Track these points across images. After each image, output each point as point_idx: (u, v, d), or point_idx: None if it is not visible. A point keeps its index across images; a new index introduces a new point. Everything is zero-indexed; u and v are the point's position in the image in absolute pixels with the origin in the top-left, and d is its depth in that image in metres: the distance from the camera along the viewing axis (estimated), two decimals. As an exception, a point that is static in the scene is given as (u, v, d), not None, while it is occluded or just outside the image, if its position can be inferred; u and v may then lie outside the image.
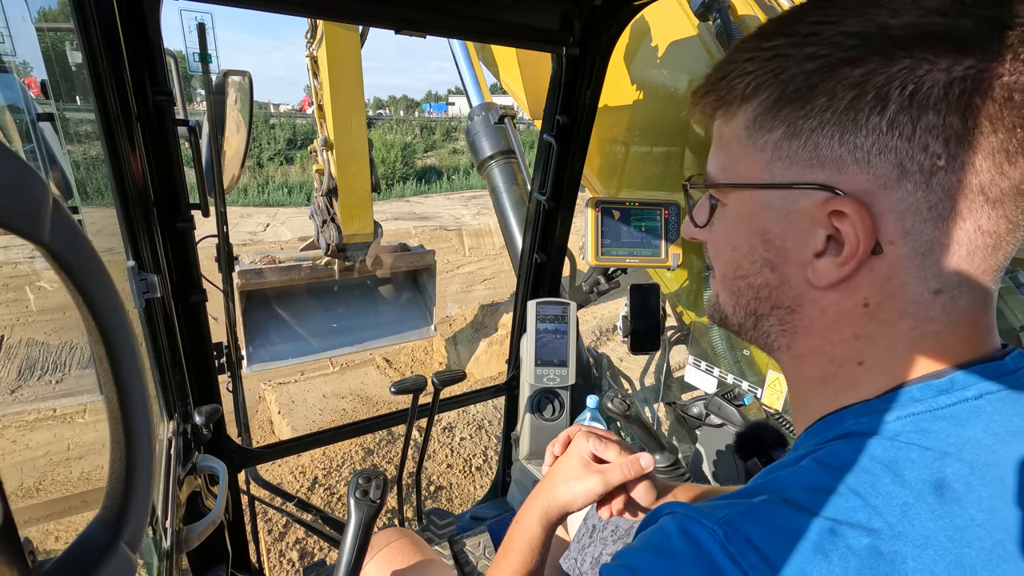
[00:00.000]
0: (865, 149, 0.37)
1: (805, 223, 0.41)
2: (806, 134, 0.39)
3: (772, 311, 0.46)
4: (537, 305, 1.55)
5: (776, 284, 0.45)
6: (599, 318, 5.92)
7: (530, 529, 0.72)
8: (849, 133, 0.37)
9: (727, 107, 0.45)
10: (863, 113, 0.37)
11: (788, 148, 0.41)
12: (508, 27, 1.29)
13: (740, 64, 0.42)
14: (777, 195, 0.42)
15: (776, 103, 0.40)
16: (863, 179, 0.38)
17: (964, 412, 0.39)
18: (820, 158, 0.39)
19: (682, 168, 2.02)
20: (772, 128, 0.41)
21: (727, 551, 0.36)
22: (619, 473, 0.70)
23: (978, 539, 0.34)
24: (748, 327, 0.49)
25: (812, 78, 0.38)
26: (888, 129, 0.36)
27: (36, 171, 0.24)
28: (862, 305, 0.41)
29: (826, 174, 0.39)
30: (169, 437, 1.15)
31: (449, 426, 4.17)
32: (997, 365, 0.40)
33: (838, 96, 0.37)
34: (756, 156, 0.43)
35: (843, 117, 0.37)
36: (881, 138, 0.37)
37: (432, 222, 14.02)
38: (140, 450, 0.33)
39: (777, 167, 0.42)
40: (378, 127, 27.14)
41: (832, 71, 0.37)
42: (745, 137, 0.43)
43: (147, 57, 0.94)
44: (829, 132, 0.38)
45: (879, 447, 0.38)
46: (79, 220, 1.20)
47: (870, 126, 0.37)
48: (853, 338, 0.42)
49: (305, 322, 4.93)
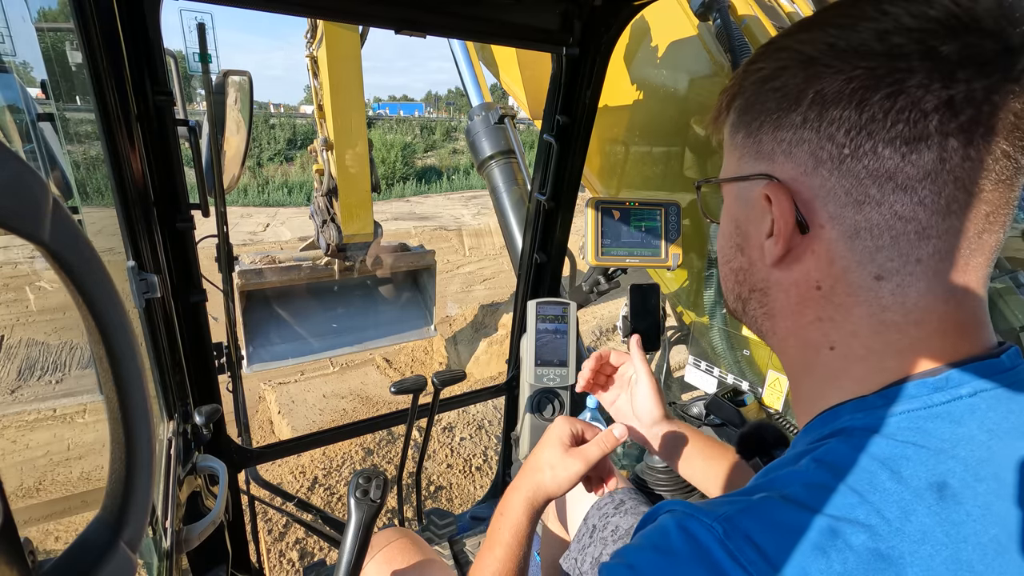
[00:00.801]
0: (787, 141, 0.43)
1: (758, 209, 0.47)
2: (755, 133, 0.46)
3: (751, 294, 0.51)
4: (537, 305, 1.55)
5: (747, 267, 0.50)
6: (599, 318, 5.92)
7: (515, 519, 0.72)
8: (777, 129, 0.44)
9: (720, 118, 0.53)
10: (784, 111, 0.43)
11: (746, 146, 0.48)
12: (508, 27, 1.29)
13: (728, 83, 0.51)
14: (742, 187, 0.49)
15: (741, 110, 0.48)
16: (789, 167, 0.44)
17: (959, 410, 0.39)
18: (761, 152, 0.46)
19: (682, 168, 2.02)
20: (738, 131, 0.49)
21: (726, 548, 0.36)
22: (597, 449, 0.73)
23: (974, 535, 0.35)
24: (740, 311, 0.54)
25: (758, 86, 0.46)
26: (802, 123, 0.42)
27: (36, 171, 0.24)
28: (815, 288, 0.45)
29: (764, 165, 0.46)
30: (169, 437, 1.15)
31: (449, 426, 4.18)
32: (992, 363, 0.41)
33: (769, 99, 0.44)
34: (733, 155, 0.50)
35: (773, 115, 0.44)
36: (797, 131, 0.43)
37: (432, 222, 14.02)
38: (140, 450, 0.33)
39: (743, 163, 0.49)
40: (378, 127, 27.15)
41: (766, 80, 0.45)
42: (729, 140, 0.51)
43: (147, 57, 0.94)
44: (767, 129, 0.45)
45: (876, 445, 0.39)
46: (79, 220, 1.20)
47: (789, 121, 0.43)
48: (817, 320, 0.46)
49: (305, 322, 4.94)
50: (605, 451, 0.73)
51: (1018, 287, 1.56)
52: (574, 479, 0.72)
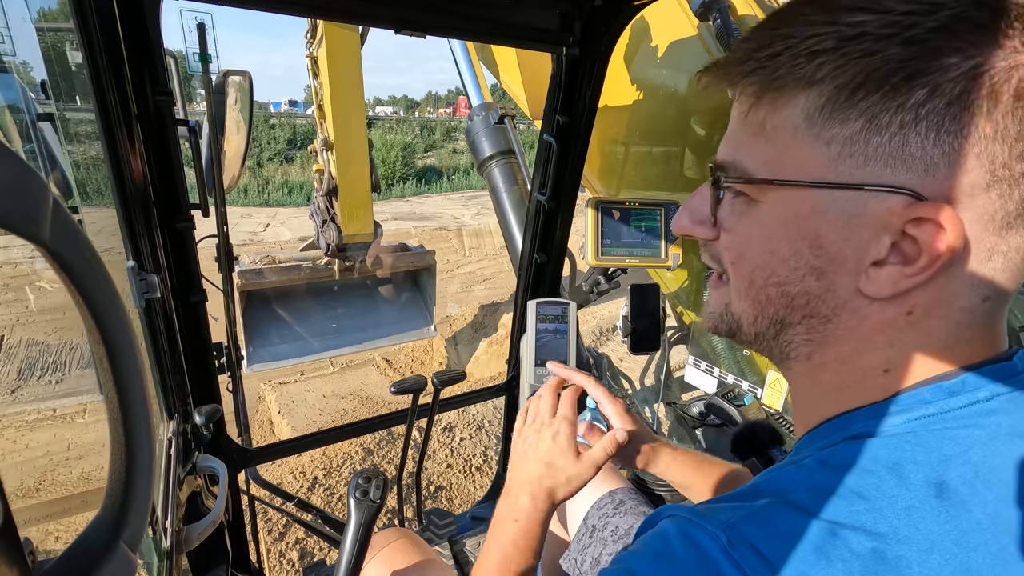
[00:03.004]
0: (963, 152, 0.33)
1: (871, 229, 0.36)
2: (893, 129, 0.34)
3: (803, 320, 0.42)
4: (537, 305, 1.55)
5: (818, 293, 0.40)
6: (599, 318, 5.92)
7: (530, 527, 0.71)
8: (947, 133, 0.33)
9: (781, 90, 0.38)
10: (968, 112, 0.32)
11: (865, 144, 0.35)
12: (508, 27, 1.29)
13: (803, 40, 0.36)
14: (842, 196, 0.37)
15: (856, 91, 0.35)
16: (953, 184, 0.33)
17: (974, 414, 0.38)
18: (906, 158, 0.34)
19: (682, 168, 2.03)
20: (846, 120, 0.35)
21: (730, 556, 0.35)
22: (603, 454, 0.74)
23: (984, 543, 0.34)
24: (767, 336, 0.45)
25: (910, 65, 0.33)
26: (994, 132, 0.32)
27: (36, 171, 0.24)
28: (906, 314, 0.38)
29: (909, 176, 0.34)
30: (169, 437, 1.15)
31: (449, 426, 4.17)
32: (1007, 366, 0.39)
33: (942, 89, 0.32)
34: (819, 150, 0.37)
35: (944, 114, 0.32)
36: (982, 141, 0.32)
37: (432, 222, 14.02)
38: (140, 450, 0.33)
39: (846, 165, 0.36)
40: (378, 127, 27.15)
41: (934, 58, 0.32)
42: (804, 127, 0.37)
43: (147, 57, 0.94)
44: (922, 129, 0.33)
45: (883, 449, 0.38)
46: (79, 220, 1.20)
47: (975, 126, 0.32)
48: (887, 346, 0.40)
49: (305, 322, 4.94)
50: (610, 454, 0.75)
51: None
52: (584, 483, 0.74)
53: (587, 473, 0.73)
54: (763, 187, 0.40)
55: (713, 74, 0.42)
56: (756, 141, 0.41)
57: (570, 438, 0.76)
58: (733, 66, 0.40)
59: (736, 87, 0.41)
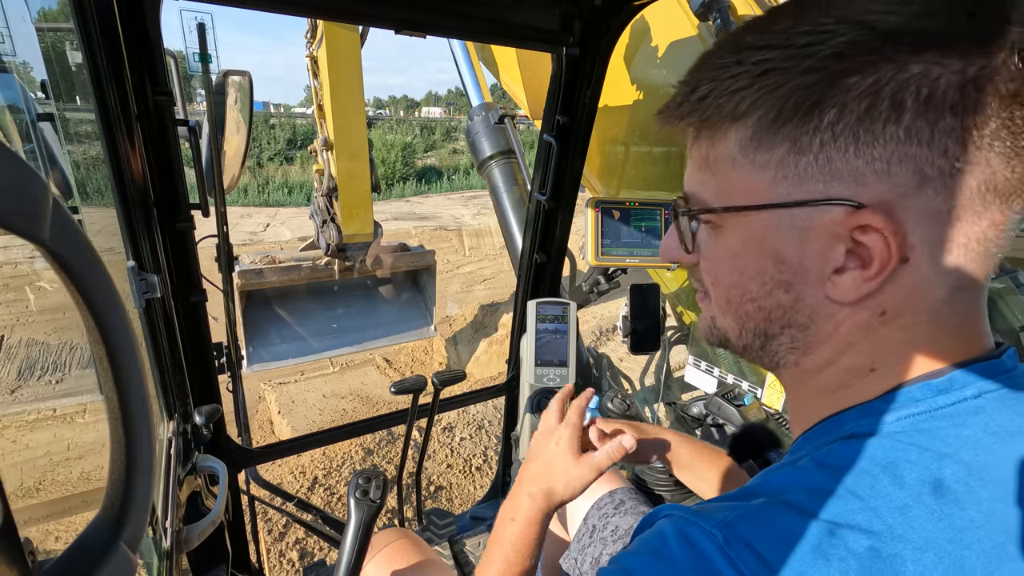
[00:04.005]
0: (884, 159, 0.36)
1: (823, 240, 0.39)
2: (815, 149, 0.37)
3: (783, 330, 0.44)
4: (537, 305, 1.55)
5: (790, 304, 0.43)
6: (599, 318, 5.92)
7: (529, 527, 0.72)
8: (864, 145, 0.36)
9: (714, 128, 0.42)
10: (878, 123, 0.35)
11: (795, 165, 0.39)
12: (508, 27, 1.29)
13: (723, 81, 0.40)
14: (788, 214, 0.40)
15: (775, 120, 0.38)
16: (883, 189, 0.36)
17: (963, 412, 0.38)
18: (835, 172, 0.37)
19: (682, 168, 2.02)
20: (773, 146, 0.39)
21: (726, 555, 0.36)
22: (607, 459, 0.75)
23: (978, 541, 0.34)
24: (755, 347, 0.47)
25: (815, 91, 0.36)
26: (906, 137, 0.35)
27: (36, 171, 0.24)
28: (879, 314, 0.40)
29: (843, 188, 0.37)
30: (169, 437, 1.15)
31: (449, 426, 4.17)
32: (995, 364, 0.40)
33: (849, 108, 0.36)
34: (756, 176, 0.41)
35: (856, 128, 0.36)
36: (900, 146, 0.35)
37: (432, 222, 14.02)
38: (140, 450, 0.33)
39: (784, 186, 0.39)
40: (378, 127, 27.16)
41: (835, 82, 0.36)
42: (740, 157, 0.41)
43: (147, 57, 0.94)
44: (843, 145, 0.36)
45: (878, 448, 0.38)
46: (79, 220, 1.20)
47: (887, 135, 0.35)
48: (868, 347, 0.41)
49: (305, 322, 4.94)
50: (614, 460, 0.75)
51: (1018, 287, 1.56)
52: (586, 486, 0.75)
53: (587, 476, 0.74)
54: (721, 214, 0.44)
55: (661, 116, 0.46)
56: (704, 174, 0.45)
57: (571, 440, 0.77)
58: (672, 109, 0.45)
59: (678, 127, 0.45)
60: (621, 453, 0.76)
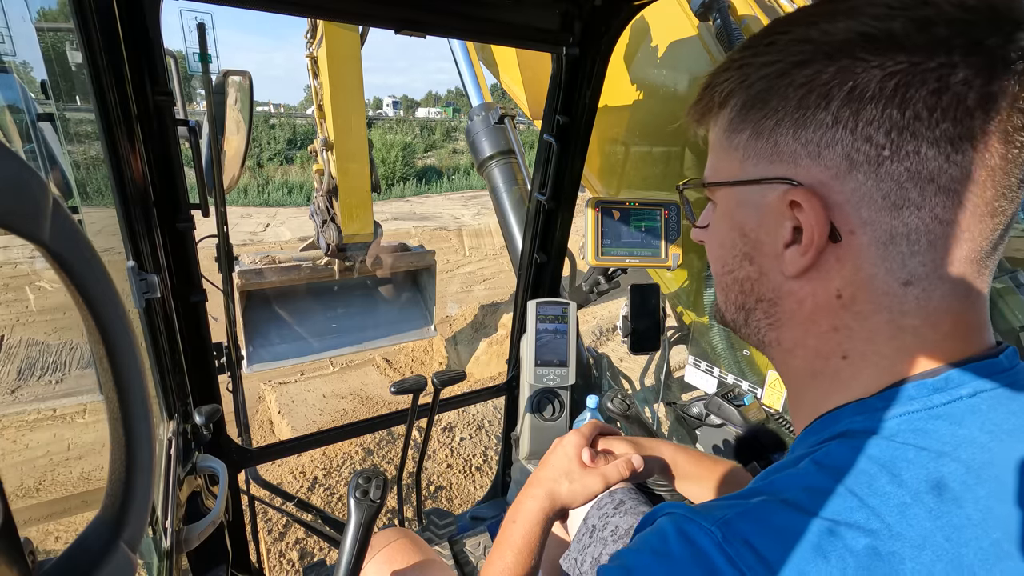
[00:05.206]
0: (815, 143, 0.40)
1: (774, 215, 0.44)
2: (767, 133, 0.43)
3: (757, 304, 0.48)
4: (537, 305, 1.55)
5: (756, 276, 0.47)
6: (599, 318, 5.92)
7: (529, 527, 0.72)
8: (801, 129, 0.41)
9: (710, 114, 0.49)
10: (810, 110, 0.40)
11: (755, 147, 0.44)
12: (508, 27, 1.29)
13: (719, 75, 0.47)
14: (749, 191, 0.45)
15: (743, 107, 0.44)
16: (817, 171, 0.40)
17: (959, 411, 0.39)
18: (779, 154, 0.42)
19: (682, 168, 2.03)
20: (742, 130, 0.45)
21: (725, 552, 0.36)
22: (616, 473, 0.75)
23: (975, 539, 0.35)
24: (741, 322, 0.51)
25: (768, 82, 0.42)
26: (833, 123, 0.39)
27: (36, 171, 0.24)
28: (835, 296, 0.42)
29: (784, 168, 0.42)
30: (169, 437, 1.15)
31: (449, 426, 4.17)
32: (992, 363, 0.41)
33: (789, 96, 0.41)
34: (733, 155, 0.46)
35: (795, 115, 0.41)
36: (828, 132, 0.39)
37: (432, 222, 14.02)
38: (140, 450, 0.33)
39: (748, 165, 0.45)
40: (378, 127, 27.15)
41: (783, 75, 0.41)
42: (724, 139, 0.47)
43: (147, 57, 0.94)
44: (785, 129, 0.42)
45: (876, 447, 0.38)
46: (79, 220, 1.20)
47: (817, 121, 0.40)
48: (832, 330, 0.44)
49: (305, 322, 4.94)
50: (623, 476, 0.75)
51: (1018, 287, 1.56)
52: (590, 496, 0.74)
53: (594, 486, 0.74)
54: (714, 189, 0.50)
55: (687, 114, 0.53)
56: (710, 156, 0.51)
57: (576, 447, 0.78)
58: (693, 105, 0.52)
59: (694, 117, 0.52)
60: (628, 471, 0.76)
